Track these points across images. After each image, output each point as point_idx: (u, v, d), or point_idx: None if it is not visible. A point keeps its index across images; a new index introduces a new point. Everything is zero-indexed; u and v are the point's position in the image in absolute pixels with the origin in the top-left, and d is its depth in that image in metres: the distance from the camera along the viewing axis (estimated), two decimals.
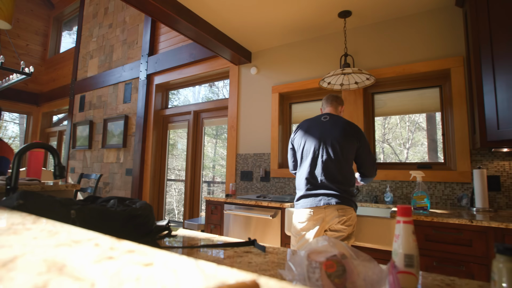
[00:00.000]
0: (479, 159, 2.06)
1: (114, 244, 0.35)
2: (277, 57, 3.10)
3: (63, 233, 0.39)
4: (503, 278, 0.52)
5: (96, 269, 0.26)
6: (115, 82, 4.60)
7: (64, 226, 0.43)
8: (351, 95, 2.60)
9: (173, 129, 4.16)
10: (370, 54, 2.57)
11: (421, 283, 0.68)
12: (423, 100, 2.44)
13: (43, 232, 0.39)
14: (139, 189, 3.98)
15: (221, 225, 2.48)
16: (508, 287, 0.51)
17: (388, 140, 3.47)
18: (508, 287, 0.51)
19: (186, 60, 3.69)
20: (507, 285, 0.51)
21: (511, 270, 0.51)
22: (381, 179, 2.39)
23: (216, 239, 1.02)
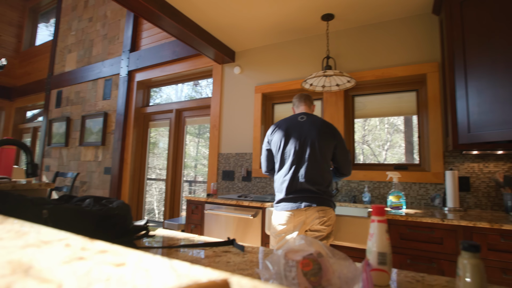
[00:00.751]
0: (451, 161, 2.16)
1: (86, 244, 0.34)
2: (260, 57, 3.11)
3: (32, 233, 0.38)
4: (467, 274, 0.55)
5: (65, 270, 0.26)
6: (95, 78, 4.46)
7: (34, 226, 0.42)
8: (332, 96, 2.65)
9: (154, 127, 4.09)
10: (351, 57, 2.63)
11: (393, 280, 0.71)
12: (401, 103, 2.53)
13: (10, 233, 0.37)
14: (118, 188, 3.88)
15: (202, 225, 2.47)
16: (471, 281, 0.54)
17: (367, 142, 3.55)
18: (471, 281, 0.54)
19: (168, 57, 3.63)
20: (470, 279, 0.54)
21: (474, 266, 0.55)
22: (360, 180, 2.45)
23: (196, 239, 1.02)
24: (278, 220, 1.69)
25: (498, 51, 1.69)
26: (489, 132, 1.71)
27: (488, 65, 1.73)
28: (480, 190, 2.06)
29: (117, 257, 0.30)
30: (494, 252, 1.50)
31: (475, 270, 0.54)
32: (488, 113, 1.71)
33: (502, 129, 1.65)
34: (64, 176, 3.57)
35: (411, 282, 0.68)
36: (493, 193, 2.02)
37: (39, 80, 5.48)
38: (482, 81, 1.75)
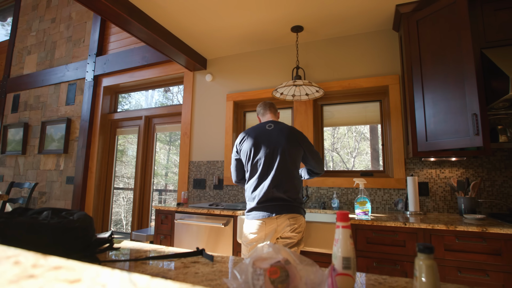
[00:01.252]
0: (412, 167, 2.29)
1: (39, 260, 0.32)
2: (232, 66, 3.13)
3: None
4: (422, 274, 0.58)
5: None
6: (57, 81, 4.22)
7: None
8: (302, 105, 2.72)
9: (122, 134, 3.93)
10: (319, 68, 2.73)
11: (358, 283, 0.73)
12: (367, 112, 2.66)
13: None
14: (82, 199, 3.66)
15: (172, 236, 2.39)
16: (426, 281, 0.58)
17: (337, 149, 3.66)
18: (426, 281, 0.58)
19: (138, 63, 3.54)
20: (425, 279, 0.58)
21: (428, 266, 0.58)
22: (329, 186, 2.52)
23: (165, 250, 0.99)
24: (249, 229, 1.69)
25: (449, 67, 1.85)
26: (443, 140, 1.84)
27: (442, 78, 1.88)
28: (438, 194, 2.20)
29: (72, 273, 0.29)
30: (450, 252, 1.61)
31: (429, 270, 0.58)
32: (443, 123, 1.85)
33: (454, 137, 1.79)
34: (21, 186, 3.31)
35: (374, 285, 0.71)
36: (448, 197, 2.18)
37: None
38: (437, 93, 1.90)
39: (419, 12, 2.05)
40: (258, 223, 1.66)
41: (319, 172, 1.89)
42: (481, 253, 1.56)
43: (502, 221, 1.72)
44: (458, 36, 1.81)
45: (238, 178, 1.91)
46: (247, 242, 1.69)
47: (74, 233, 0.78)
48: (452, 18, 1.85)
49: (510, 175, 2.04)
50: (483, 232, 1.56)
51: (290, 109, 2.91)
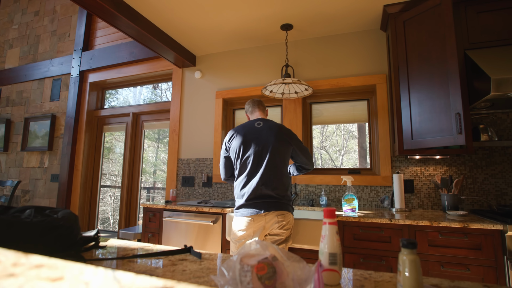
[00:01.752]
0: (398, 165, 2.34)
1: (20, 259, 0.31)
2: (222, 63, 3.11)
3: None
4: (406, 268, 0.60)
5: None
6: (41, 77, 4.10)
7: None
8: (291, 103, 2.74)
9: (109, 131, 3.86)
10: (308, 66, 2.75)
11: (344, 279, 0.75)
12: (355, 111, 2.69)
13: None
14: (67, 197, 3.58)
15: (160, 234, 2.37)
16: (409, 275, 0.59)
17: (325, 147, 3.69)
18: (409, 275, 0.59)
19: (125, 58, 3.47)
20: (408, 274, 0.59)
21: (412, 261, 0.60)
22: (317, 184, 2.55)
23: (152, 248, 0.98)
24: (238, 226, 1.69)
25: (434, 66, 1.89)
26: (428, 139, 1.89)
27: (427, 78, 1.92)
28: (422, 192, 2.26)
29: (54, 271, 0.28)
30: (433, 247, 1.66)
31: (412, 265, 0.59)
32: (427, 122, 1.90)
33: (439, 136, 1.84)
34: (3, 184, 3.21)
35: (359, 280, 0.73)
36: (432, 194, 2.23)
37: None
38: (422, 93, 1.94)
39: (406, 13, 2.09)
40: (247, 220, 1.66)
41: (309, 168, 1.91)
42: (462, 248, 1.61)
43: (483, 217, 1.78)
44: (443, 37, 1.86)
45: (227, 175, 1.91)
46: (235, 239, 1.69)
47: (58, 232, 0.76)
48: (438, 19, 1.89)
49: (491, 173, 2.11)
50: (465, 227, 1.61)
51: (279, 107, 2.91)
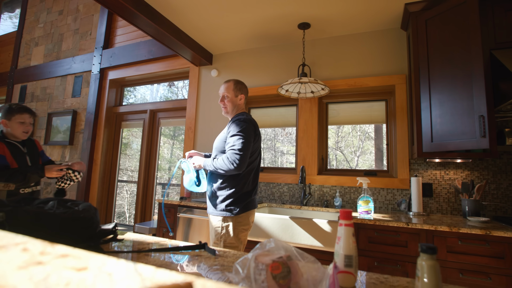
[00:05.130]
0: (416, 168, 2.28)
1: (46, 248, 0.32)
2: (238, 62, 3.12)
3: None
4: (424, 274, 0.58)
5: (20, 276, 0.25)
6: (64, 73, 4.24)
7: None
8: (307, 103, 2.71)
9: (127, 127, 3.95)
10: (325, 66, 2.71)
11: (359, 281, 0.73)
12: (372, 112, 2.64)
13: None
14: (86, 191, 3.69)
15: (175, 229, 2.41)
16: (428, 281, 0.58)
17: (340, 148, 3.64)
18: (428, 281, 0.58)
19: (144, 56, 3.54)
20: (427, 280, 0.58)
21: (431, 267, 0.58)
22: (332, 185, 2.52)
23: (167, 243, 1.00)
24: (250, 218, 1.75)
25: (457, 67, 1.82)
26: (449, 141, 1.83)
27: (449, 79, 1.86)
28: (442, 196, 2.19)
29: (78, 261, 0.29)
30: (452, 254, 1.60)
31: (431, 271, 0.58)
32: (449, 124, 1.84)
33: (460, 139, 1.77)
34: None
35: (375, 284, 0.71)
36: (452, 199, 2.16)
37: (0, 74, 5.12)
38: (444, 94, 1.88)
39: (428, 11, 2.02)
40: (254, 212, 1.75)
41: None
42: (483, 256, 1.55)
43: (507, 224, 1.71)
44: (468, 36, 1.79)
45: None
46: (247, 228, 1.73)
47: (79, 223, 0.79)
48: (462, 18, 1.83)
49: None
50: (487, 235, 1.55)
51: (295, 106, 2.90)
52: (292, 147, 3.29)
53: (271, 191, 2.76)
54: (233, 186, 1.65)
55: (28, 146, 2.04)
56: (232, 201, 1.63)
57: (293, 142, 3.26)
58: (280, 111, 3.01)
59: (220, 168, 1.60)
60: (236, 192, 1.64)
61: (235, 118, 1.71)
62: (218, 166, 1.61)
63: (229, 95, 1.79)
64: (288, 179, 2.69)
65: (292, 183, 2.68)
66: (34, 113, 2.05)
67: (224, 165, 1.58)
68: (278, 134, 3.52)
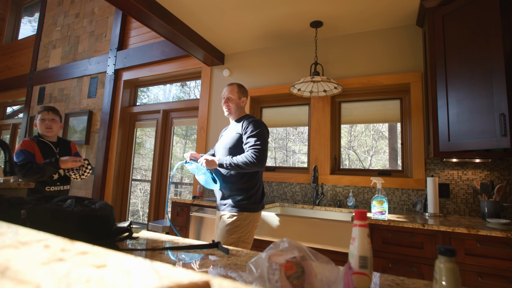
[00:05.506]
0: (432, 167, 2.22)
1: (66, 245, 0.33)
2: (250, 61, 3.12)
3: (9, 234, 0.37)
4: (443, 277, 0.57)
5: (43, 272, 0.25)
6: (80, 75, 4.36)
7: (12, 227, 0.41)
8: (320, 102, 2.69)
9: (140, 127, 4.02)
10: (338, 64, 2.68)
11: (374, 283, 0.72)
12: (386, 110, 2.59)
13: None
14: (101, 189, 3.78)
15: (187, 227, 2.44)
16: (446, 285, 0.56)
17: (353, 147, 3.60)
18: (446, 285, 0.56)
19: (157, 57, 3.60)
20: (445, 283, 0.56)
21: (449, 269, 0.57)
22: (345, 184, 2.49)
23: (180, 241, 1.01)
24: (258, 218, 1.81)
25: (476, 64, 1.77)
26: (467, 141, 1.77)
27: (467, 76, 1.80)
28: (459, 197, 2.13)
29: (98, 259, 0.30)
30: (471, 256, 1.56)
31: (450, 274, 0.56)
32: (467, 123, 1.78)
33: (479, 138, 1.72)
34: None
35: (391, 286, 0.70)
36: (471, 200, 2.10)
37: (21, 76, 5.30)
38: (462, 92, 1.82)
39: (445, 7, 1.97)
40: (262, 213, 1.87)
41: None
42: (504, 259, 1.50)
43: None
44: (488, 32, 1.73)
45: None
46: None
47: (96, 221, 0.81)
48: (482, 13, 1.77)
49: None
50: (508, 237, 1.50)
51: (307, 105, 2.88)
52: (304, 146, 3.27)
53: (283, 191, 2.76)
54: (254, 184, 1.75)
55: (62, 147, 2.10)
56: (254, 198, 1.74)
57: (305, 142, 3.24)
58: (292, 110, 3.00)
59: (244, 164, 1.64)
60: (257, 189, 1.76)
61: (250, 120, 1.79)
62: (241, 162, 1.64)
63: (233, 97, 1.87)
64: (300, 178, 2.68)
65: (305, 183, 2.66)
66: (53, 109, 2.11)
67: (249, 162, 1.63)
68: (290, 134, 3.50)
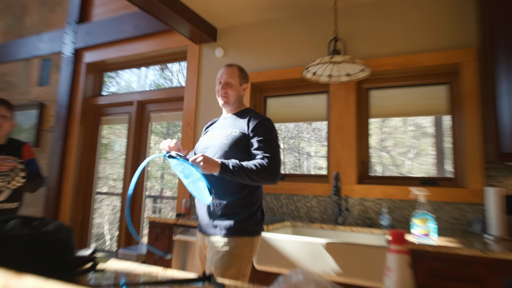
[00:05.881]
0: (494, 174, 2.21)
1: (10, 281, 0.33)
2: (250, 37, 3.12)
3: None
4: None
5: None
6: (27, 56, 4.37)
7: None
8: (342, 89, 2.68)
9: (108, 124, 4.04)
10: (365, 40, 2.67)
11: None
12: (429, 99, 2.58)
13: None
14: (56, 206, 3.79)
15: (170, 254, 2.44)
16: None
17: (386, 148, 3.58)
18: None
19: (129, 33, 3.60)
20: None
21: None
22: (377, 197, 2.48)
23: (161, 274, 1.00)
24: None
25: None
26: None
27: None
28: None
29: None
30: None
31: None
32: None
33: None
34: None
35: None
36: None
37: None
38: None
39: None
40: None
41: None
42: None
43: None
44: None
45: None
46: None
47: (49, 248, 0.80)
48: None
49: None
50: None
51: (325, 93, 2.88)
52: (322, 147, 3.26)
53: (295, 206, 2.75)
54: (256, 200, 1.73)
55: (11, 151, 2.11)
56: (255, 218, 1.71)
57: (323, 141, 3.23)
58: (305, 101, 2.99)
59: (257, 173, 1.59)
60: (258, 206, 1.74)
61: (260, 117, 1.76)
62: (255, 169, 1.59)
63: (234, 82, 1.82)
64: (317, 189, 2.67)
65: (323, 195, 2.66)
66: (5, 102, 2.14)
67: (265, 172, 1.60)
68: (303, 131, 3.50)
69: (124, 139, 3.89)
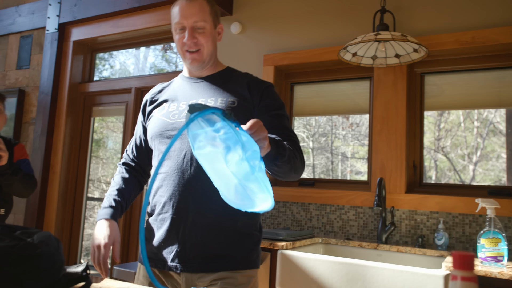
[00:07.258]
0: None
1: None
2: (273, 9, 3.12)
3: None
4: None
5: None
6: (4, 32, 4.47)
7: None
8: (389, 74, 2.66)
9: (100, 115, 4.10)
10: (420, 12, 2.65)
11: None
12: (502, 87, 2.54)
13: None
14: (39, 213, 3.87)
15: None
16: None
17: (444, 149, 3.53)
18: None
19: (125, 4, 3.64)
20: None
21: None
22: (431, 210, 2.45)
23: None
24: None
25: None
26: None
27: None
28: None
29: None
30: None
31: None
32: None
33: None
34: None
35: None
36: None
37: None
38: None
39: None
40: None
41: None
42: None
43: None
44: None
45: None
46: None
47: (33, 263, 0.82)
48: None
49: None
50: None
51: (368, 79, 2.87)
52: (362, 147, 3.24)
53: (327, 218, 2.74)
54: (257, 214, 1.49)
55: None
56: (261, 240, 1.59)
57: (362, 140, 3.20)
58: (342, 89, 2.98)
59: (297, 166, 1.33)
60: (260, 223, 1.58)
61: (263, 82, 1.54)
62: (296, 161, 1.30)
63: (207, 24, 1.49)
64: (355, 199, 2.66)
65: (363, 206, 2.65)
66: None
67: (300, 164, 1.35)
68: (337, 126, 3.48)
69: (120, 134, 3.94)
